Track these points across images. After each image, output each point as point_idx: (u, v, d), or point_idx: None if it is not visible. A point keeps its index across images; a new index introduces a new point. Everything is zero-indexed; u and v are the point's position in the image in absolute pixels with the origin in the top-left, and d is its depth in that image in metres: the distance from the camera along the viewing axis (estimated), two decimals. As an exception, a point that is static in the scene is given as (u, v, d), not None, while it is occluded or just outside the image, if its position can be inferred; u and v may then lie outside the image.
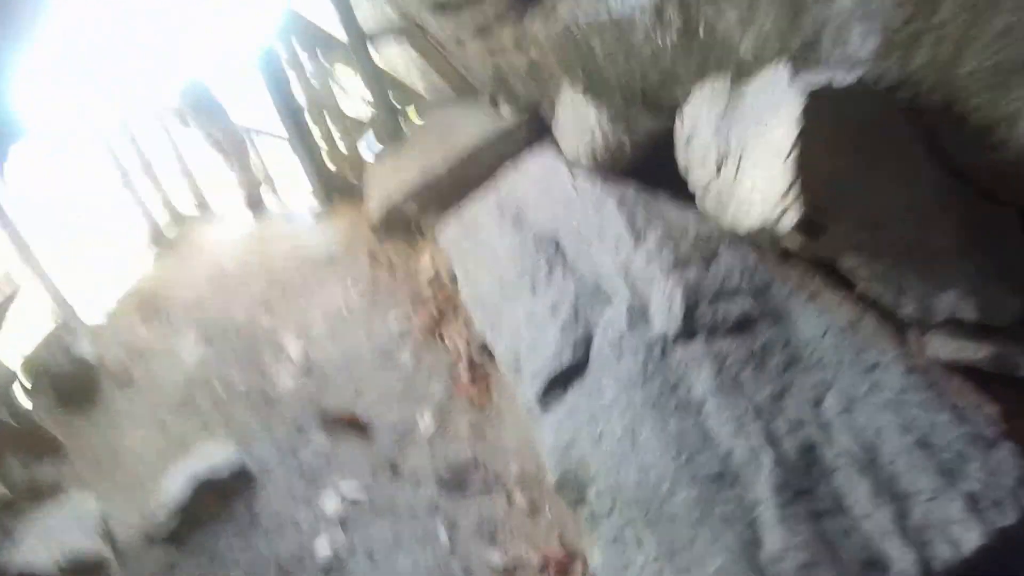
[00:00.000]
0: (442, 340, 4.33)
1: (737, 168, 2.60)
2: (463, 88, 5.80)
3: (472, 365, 3.98)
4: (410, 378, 4.19)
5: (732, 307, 2.46)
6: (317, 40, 6.44)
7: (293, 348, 4.86)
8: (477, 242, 3.66)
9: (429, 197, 4.88)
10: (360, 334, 4.72)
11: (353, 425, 3.99)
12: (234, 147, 7.88)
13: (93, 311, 6.83)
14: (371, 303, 4.99)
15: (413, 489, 3.52)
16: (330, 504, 3.55)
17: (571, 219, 3.21)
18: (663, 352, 2.41)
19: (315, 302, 5.31)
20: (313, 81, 6.48)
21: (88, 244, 8.23)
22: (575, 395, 2.49)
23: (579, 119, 3.60)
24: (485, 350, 3.89)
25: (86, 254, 8.23)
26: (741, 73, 2.82)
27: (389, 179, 5.45)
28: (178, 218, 8.18)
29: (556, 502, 3.13)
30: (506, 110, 4.82)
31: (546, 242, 3.18)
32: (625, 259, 2.79)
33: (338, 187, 6.58)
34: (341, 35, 6.02)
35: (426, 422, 3.82)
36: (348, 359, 4.55)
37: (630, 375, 2.37)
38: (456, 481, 3.46)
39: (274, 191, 8.16)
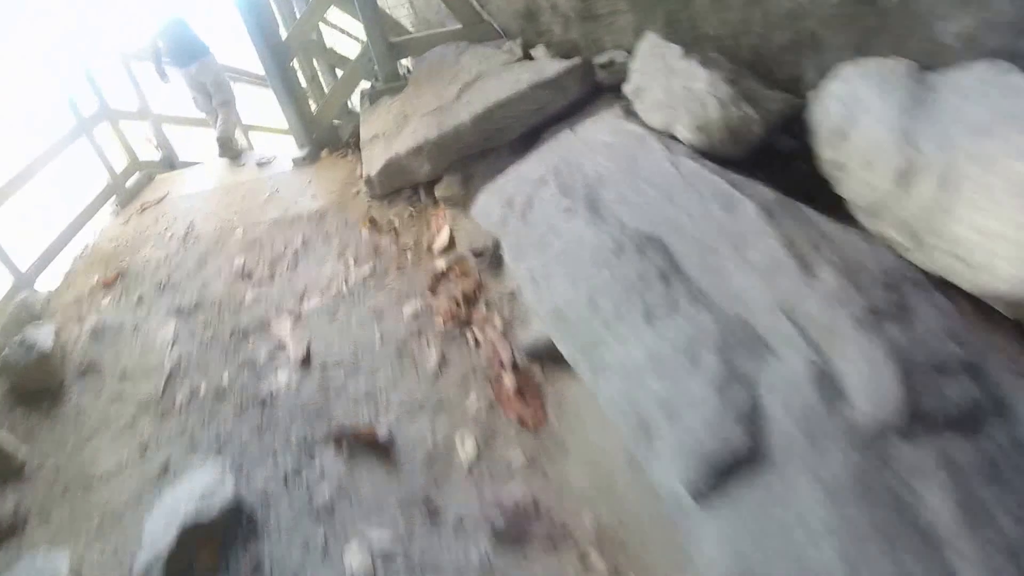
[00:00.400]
0: (472, 335, 3.50)
1: (946, 192, 1.78)
2: (475, 26, 4.80)
3: (518, 373, 3.17)
4: (437, 384, 3.36)
5: (952, 389, 1.67)
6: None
7: (286, 334, 3.97)
8: (537, 226, 2.78)
9: (443, 154, 3.95)
10: (367, 319, 3.86)
11: (372, 444, 3.17)
12: (218, 91, 6.77)
13: (47, 273, 5.86)
14: (376, 279, 4.10)
15: (458, 539, 2.73)
16: (355, 558, 2.75)
17: (680, 215, 2.34)
18: (882, 449, 1.61)
19: (306, 273, 4.41)
20: (299, 16, 5.38)
21: (40, 196, 7.09)
22: (754, 495, 1.68)
23: (677, 81, 2.70)
24: (537, 356, 3.09)
25: (38, 206, 7.13)
26: (929, 59, 1.98)
27: (389, 130, 4.49)
28: (141, 167, 7.06)
29: (646, 569, 2.40)
30: (542, 56, 3.86)
31: (650, 244, 2.31)
32: (789, 294, 1.95)
33: (325, 137, 5.58)
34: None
35: (466, 446, 3.01)
36: (355, 352, 3.69)
37: (839, 479, 1.58)
38: (513, 532, 2.68)
39: (250, 139, 7.11)
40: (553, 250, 2.56)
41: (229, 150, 6.76)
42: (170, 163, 7.33)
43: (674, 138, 2.71)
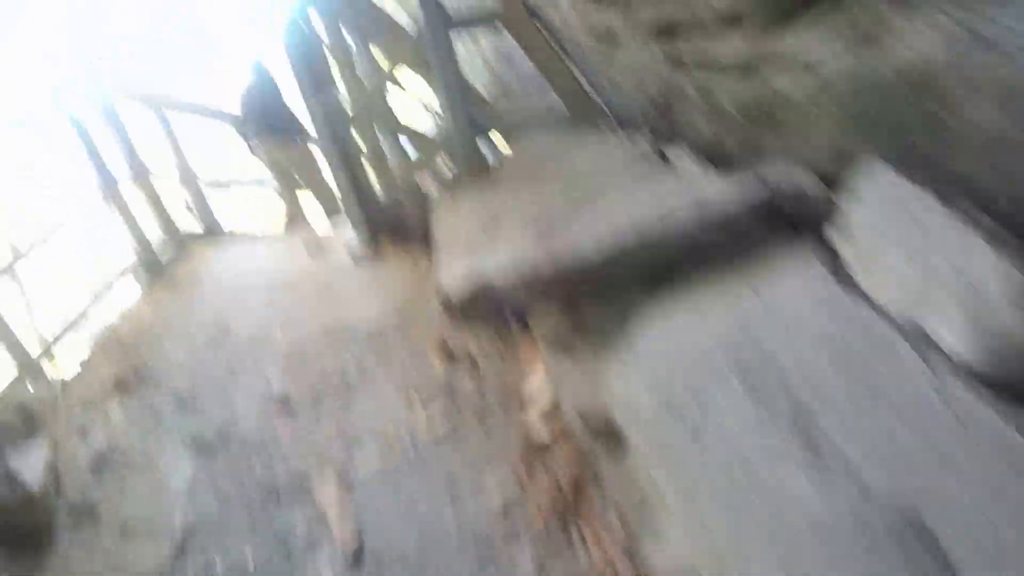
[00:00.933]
0: (581, 541, 2.66)
1: None
2: (579, 106, 4.04)
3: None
4: (535, 613, 2.53)
5: None
6: (374, 23, 4.66)
7: (331, 504, 3.18)
8: (717, 454, 1.94)
9: (551, 287, 3.15)
10: (438, 496, 3.06)
11: None
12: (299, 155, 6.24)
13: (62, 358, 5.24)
14: (450, 435, 3.31)
15: None
16: None
17: (953, 484, 1.53)
18: None
19: (360, 413, 3.64)
20: (364, 81, 4.70)
21: (63, 268, 6.55)
22: None
23: (937, 252, 1.87)
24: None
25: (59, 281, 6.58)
26: None
27: (473, 234, 3.73)
28: (176, 236, 6.43)
29: None
30: (688, 163, 3.05)
31: (910, 530, 1.48)
32: None
33: (389, 225, 4.85)
34: (408, 20, 4.30)
35: None
36: (422, 545, 2.89)
37: None
38: None
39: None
40: (749, 509, 1.72)
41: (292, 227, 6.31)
42: (209, 232, 6.71)
43: (923, 334, 1.85)
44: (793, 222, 2.56)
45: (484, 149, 4.53)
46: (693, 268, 2.70)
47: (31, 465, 3.82)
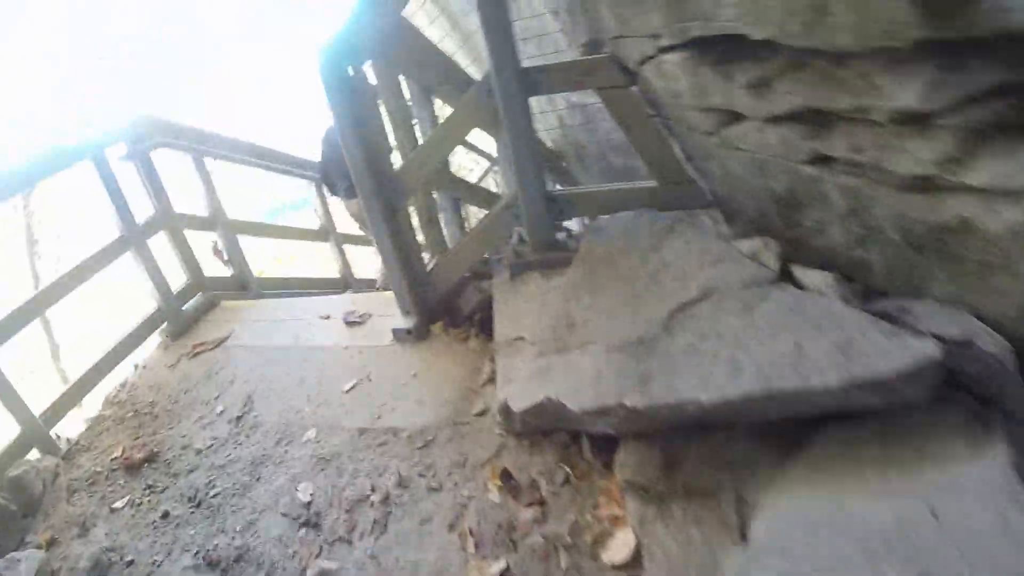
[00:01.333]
0: None
1: None
2: (674, 187, 3.63)
3: None
4: None
5: None
6: (437, 72, 4.30)
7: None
8: None
9: (640, 424, 2.72)
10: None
11: None
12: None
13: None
14: (508, 589, 2.88)
15: None
16: None
17: None
18: None
19: (400, 548, 3.21)
20: (423, 140, 4.33)
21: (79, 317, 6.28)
22: None
23: None
24: None
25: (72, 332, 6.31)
26: None
27: (542, 335, 3.33)
28: (205, 286, 6.11)
29: None
30: (823, 287, 2.61)
31: None
32: None
33: (441, 303, 4.47)
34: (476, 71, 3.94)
35: None
36: None
37: None
38: None
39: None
40: None
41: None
42: (242, 284, 6.38)
43: None
44: (971, 396, 2.10)
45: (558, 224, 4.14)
46: (835, 436, 2.25)
47: (22, 571, 3.49)
